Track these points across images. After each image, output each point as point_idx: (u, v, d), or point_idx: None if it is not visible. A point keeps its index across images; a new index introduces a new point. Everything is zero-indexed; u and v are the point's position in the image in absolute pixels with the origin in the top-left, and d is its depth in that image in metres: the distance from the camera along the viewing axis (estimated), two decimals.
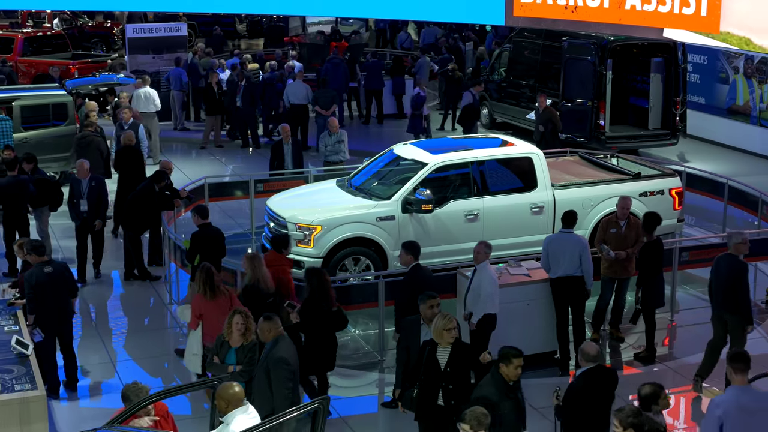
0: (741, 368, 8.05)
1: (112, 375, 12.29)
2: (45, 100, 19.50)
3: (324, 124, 19.97)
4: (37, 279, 11.24)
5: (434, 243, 14.05)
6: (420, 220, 14.00)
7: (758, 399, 8.07)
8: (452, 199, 14.24)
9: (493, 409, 8.18)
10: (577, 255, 12.14)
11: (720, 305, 11.62)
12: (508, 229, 14.33)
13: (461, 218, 14.19)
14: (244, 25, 41.15)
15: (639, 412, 7.66)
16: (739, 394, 7.99)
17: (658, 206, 14.52)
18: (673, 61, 21.30)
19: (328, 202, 14.50)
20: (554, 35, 21.94)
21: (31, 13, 37.55)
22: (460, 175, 14.46)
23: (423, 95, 22.37)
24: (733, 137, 23.05)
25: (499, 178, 14.65)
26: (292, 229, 13.92)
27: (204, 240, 12.86)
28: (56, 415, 11.14)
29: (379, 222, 13.94)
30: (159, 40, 26.11)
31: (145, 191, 14.99)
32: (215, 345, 10.12)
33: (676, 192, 15.33)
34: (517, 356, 8.55)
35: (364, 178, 14.97)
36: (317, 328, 10.63)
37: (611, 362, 12.70)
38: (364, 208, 14.07)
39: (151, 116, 21.77)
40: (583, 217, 14.31)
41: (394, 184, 14.40)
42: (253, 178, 17.20)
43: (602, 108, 20.98)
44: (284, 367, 9.16)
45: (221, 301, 10.87)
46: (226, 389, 7.85)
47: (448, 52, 28.96)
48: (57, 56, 28.92)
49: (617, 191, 14.54)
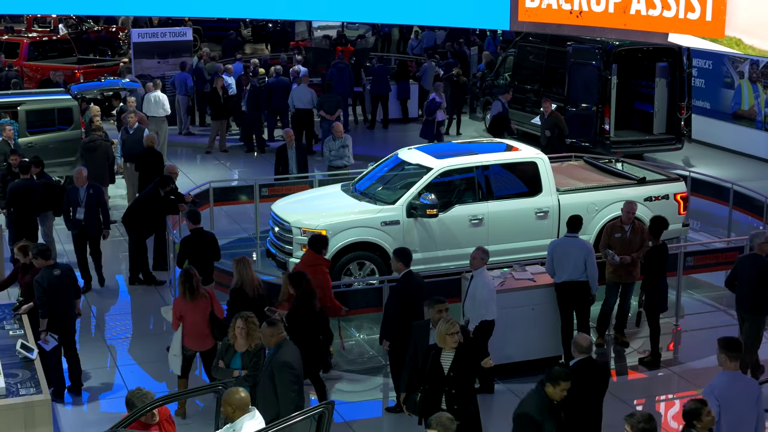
0: (735, 356, 8.71)
1: (116, 379, 12.30)
2: (50, 104, 19.53)
3: (329, 129, 19.98)
4: (48, 282, 11.28)
5: (439, 248, 14.06)
6: (425, 225, 14.00)
7: (748, 383, 8.82)
8: (457, 203, 14.24)
9: (536, 427, 8.14)
10: (582, 260, 12.15)
11: (744, 305, 11.69)
12: (512, 233, 14.32)
13: (466, 223, 14.19)
14: (249, 30, 41.21)
15: (650, 418, 7.58)
16: (733, 379, 8.66)
17: (663, 211, 14.51)
18: (678, 66, 21.30)
19: (333, 206, 14.51)
20: (559, 40, 21.95)
21: (36, 18, 37.61)
22: (465, 180, 14.46)
23: (438, 101, 22.28)
24: (738, 142, 23.03)
25: (503, 182, 14.64)
26: (296, 233, 13.93)
27: (194, 244, 12.89)
28: (61, 420, 11.16)
29: (383, 227, 13.94)
30: (164, 44, 26.16)
31: (150, 196, 15.02)
32: (221, 349, 10.13)
33: (681, 197, 15.32)
34: (566, 380, 8.36)
35: (368, 182, 14.97)
36: (307, 331, 10.68)
37: (616, 367, 12.68)
38: (368, 212, 14.08)
39: (161, 120, 21.83)
40: (588, 222, 14.29)
41: (399, 189, 14.40)
42: (258, 182, 17.22)
43: (607, 113, 20.98)
44: (288, 371, 9.15)
45: (201, 303, 10.97)
46: (233, 395, 7.85)
47: (453, 57, 28.97)
48: (62, 61, 28.98)
49: (622, 196, 14.53)
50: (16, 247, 12.34)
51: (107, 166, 17.84)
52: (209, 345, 11.07)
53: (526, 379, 11.69)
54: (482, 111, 25.94)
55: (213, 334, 11.00)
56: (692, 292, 14.82)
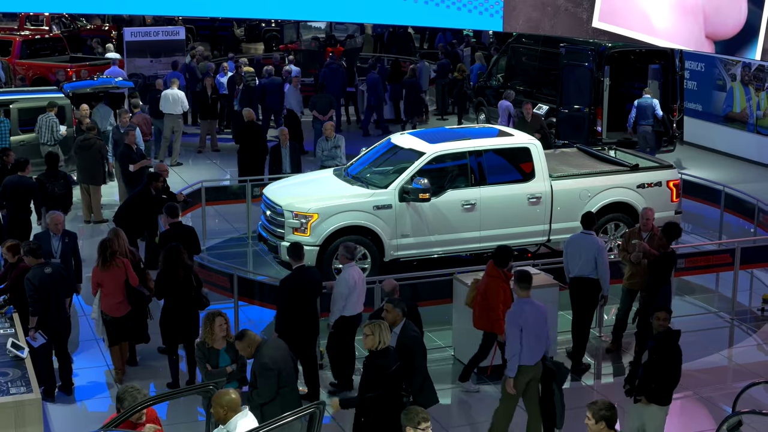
0: (526, 286, 10.32)
1: (107, 378, 12.27)
2: (43, 102, 19.49)
3: (321, 129, 19.98)
4: (40, 280, 11.26)
5: (431, 232, 14.06)
6: (417, 209, 13.97)
7: (537, 307, 10.29)
8: (449, 188, 14.21)
9: None
10: (593, 257, 12.17)
11: None
12: (505, 219, 14.32)
13: (458, 208, 14.17)
14: (242, 30, 41.13)
15: (611, 405, 7.79)
16: (527, 304, 10.23)
17: (656, 198, 14.60)
18: (670, 68, 21.33)
19: (325, 190, 14.47)
20: (552, 41, 21.97)
21: (29, 16, 37.49)
22: (458, 165, 14.44)
23: None
24: (729, 144, 23.08)
25: (496, 168, 14.60)
26: (288, 217, 13.86)
27: (173, 239, 12.89)
28: (52, 418, 11.14)
29: (376, 211, 13.90)
30: (157, 43, 26.14)
31: (142, 195, 14.98)
32: (201, 357, 10.08)
33: (674, 184, 15.30)
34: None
35: (361, 167, 14.92)
36: (174, 301, 11.63)
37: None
38: (361, 196, 14.05)
39: (177, 117, 22.21)
40: (581, 208, 14.34)
41: (392, 173, 14.36)
42: (251, 182, 17.20)
43: (599, 114, 21.00)
44: (266, 372, 9.24)
45: (115, 271, 11.78)
46: (223, 396, 7.84)
47: (446, 58, 28.97)
48: (55, 59, 28.92)
49: (615, 182, 14.62)
50: (5, 246, 12.19)
51: (101, 165, 17.83)
52: (124, 311, 11.91)
53: None
54: (474, 113, 25.91)
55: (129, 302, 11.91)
56: (684, 294, 14.84)
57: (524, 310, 10.15)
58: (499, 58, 25.26)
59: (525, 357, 10.02)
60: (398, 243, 14.02)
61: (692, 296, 14.85)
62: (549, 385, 10.21)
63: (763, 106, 22.31)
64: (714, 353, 13.16)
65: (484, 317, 11.42)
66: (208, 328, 9.98)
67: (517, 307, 10.31)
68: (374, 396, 9.07)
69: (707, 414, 11.73)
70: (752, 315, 14.45)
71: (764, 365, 12.90)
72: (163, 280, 11.74)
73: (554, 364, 10.33)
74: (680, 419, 11.55)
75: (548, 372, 10.19)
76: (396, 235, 13.97)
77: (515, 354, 10.00)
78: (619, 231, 14.92)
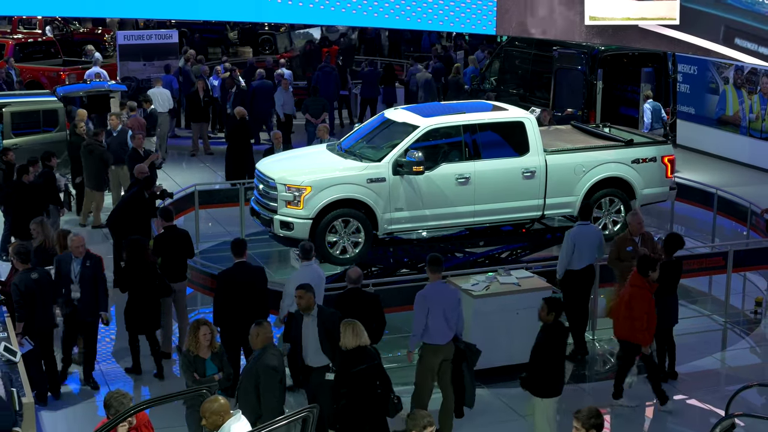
0: (437, 269, 10.94)
1: (98, 383, 12.24)
2: (35, 106, 19.46)
3: (314, 132, 19.98)
4: (26, 286, 11.21)
5: (425, 206, 13.93)
6: (411, 183, 13.84)
7: (450, 290, 11.01)
8: (443, 162, 14.12)
9: None
10: (597, 243, 12.90)
11: None
12: (499, 193, 14.23)
13: (452, 181, 14.05)
14: (235, 33, 41.08)
15: (599, 413, 7.63)
16: (438, 287, 10.90)
17: (651, 174, 14.59)
18: (663, 71, 21.33)
19: (319, 163, 14.32)
20: (545, 44, 21.97)
21: (22, 19, 37.43)
22: (452, 139, 14.32)
23: None
24: (722, 147, 23.11)
25: (491, 142, 14.47)
26: (281, 190, 13.73)
27: (168, 242, 12.87)
28: (44, 423, 11.10)
29: (369, 184, 13.78)
30: (150, 47, 26.10)
31: (134, 198, 14.91)
32: (187, 367, 9.98)
33: (669, 159, 15.22)
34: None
35: (354, 141, 14.78)
36: (137, 293, 12.26)
37: None
38: (354, 169, 13.89)
39: (165, 114, 22.68)
40: (576, 183, 14.39)
41: (385, 147, 14.19)
42: (244, 185, 17.17)
43: (592, 117, 20.98)
44: (273, 374, 9.18)
45: None
46: (212, 403, 7.76)
47: (439, 60, 28.98)
48: (48, 63, 28.87)
49: (610, 157, 14.62)
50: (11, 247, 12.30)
51: (104, 172, 17.80)
52: None
53: (510, 384, 11.74)
54: None
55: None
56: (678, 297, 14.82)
57: (433, 293, 10.85)
58: (492, 61, 25.27)
59: (434, 336, 10.76)
60: (392, 216, 13.85)
61: (685, 299, 14.83)
62: (459, 366, 10.88)
63: (756, 109, 22.35)
64: (707, 356, 13.17)
65: (627, 327, 11.47)
66: (193, 336, 9.89)
67: (426, 290, 10.95)
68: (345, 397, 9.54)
69: (700, 417, 11.73)
70: (745, 318, 14.47)
71: (757, 368, 12.93)
72: (126, 274, 12.40)
73: (466, 346, 10.99)
74: (673, 422, 11.56)
75: (459, 353, 10.88)
76: (390, 208, 13.81)
77: (416, 333, 10.82)
78: (613, 207, 14.85)
